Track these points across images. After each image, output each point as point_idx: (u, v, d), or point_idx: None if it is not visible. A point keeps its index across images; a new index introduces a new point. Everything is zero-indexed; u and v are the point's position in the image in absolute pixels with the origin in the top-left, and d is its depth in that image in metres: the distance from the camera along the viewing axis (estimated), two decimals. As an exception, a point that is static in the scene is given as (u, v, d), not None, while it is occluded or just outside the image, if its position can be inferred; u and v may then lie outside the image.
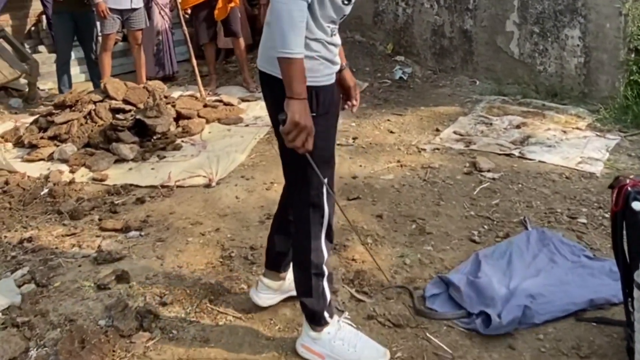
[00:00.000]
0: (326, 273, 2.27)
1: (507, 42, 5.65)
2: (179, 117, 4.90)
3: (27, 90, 6.38)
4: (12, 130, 4.98)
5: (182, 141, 4.62)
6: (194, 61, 5.97)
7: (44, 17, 7.50)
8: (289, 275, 2.56)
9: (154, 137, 4.52)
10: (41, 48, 7.40)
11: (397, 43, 6.76)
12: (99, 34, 6.19)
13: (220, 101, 5.52)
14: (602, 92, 5.07)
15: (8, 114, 5.84)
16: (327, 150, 2.20)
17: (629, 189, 2.14)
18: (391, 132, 4.81)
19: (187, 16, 6.20)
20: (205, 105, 5.29)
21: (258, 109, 5.49)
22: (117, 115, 4.56)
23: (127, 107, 4.63)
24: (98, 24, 6.06)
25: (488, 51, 5.82)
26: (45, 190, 3.92)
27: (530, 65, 5.53)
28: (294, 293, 2.46)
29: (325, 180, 2.16)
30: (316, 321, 2.26)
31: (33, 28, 7.74)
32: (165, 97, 5.03)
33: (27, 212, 3.65)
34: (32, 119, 5.12)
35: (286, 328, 2.44)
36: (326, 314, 2.26)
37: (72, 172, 4.18)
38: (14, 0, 7.44)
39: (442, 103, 5.38)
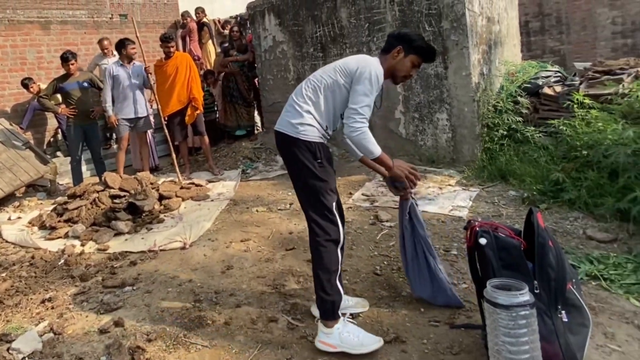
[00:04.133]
0: (339, 272, 2.40)
1: (397, 126, 5.71)
2: (161, 197, 4.86)
3: (49, 185, 6.30)
4: (37, 217, 4.88)
5: (164, 216, 4.58)
6: (173, 155, 5.98)
7: (59, 130, 7.50)
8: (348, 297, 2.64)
9: (143, 215, 4.47)
10: (59, 153, 7.38)
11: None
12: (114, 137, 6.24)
13: (193, 183, 5.51)
14: (466, 157, 5.15)
15: (35, 205, 5.74)
16: (330, 183, 2.40)
17: (477, 228, 2.20)
18: (317, 197, 4.86)
19: (165, 122, 6.27)
20: (181, 187, 5.27)
21: (220, 187, 5.53)
22: (115, 200, 4.52)
23: (122, 193, 4.60)
24: (117, 130, 6.09)
25: (384, 133, 5.86)
26: (62, 261, 3.83)
27: (414, 142, 5.58)
28: (346, 311, 2.58)
29: (334, 205, 2.40)
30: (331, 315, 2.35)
31: (52, 139, 7.71)
32: (152, 183, 5.01)
33: (47, 279, 3.55)
34: (52, 207, 5.05)
35: (241, 351, 2.42)
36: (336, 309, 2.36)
37: (82, 245, 4.10)
38: (36, 119, 7.46)
39: (353, 173, 5.43)
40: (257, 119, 7.96)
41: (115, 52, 6.17)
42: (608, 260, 2.89)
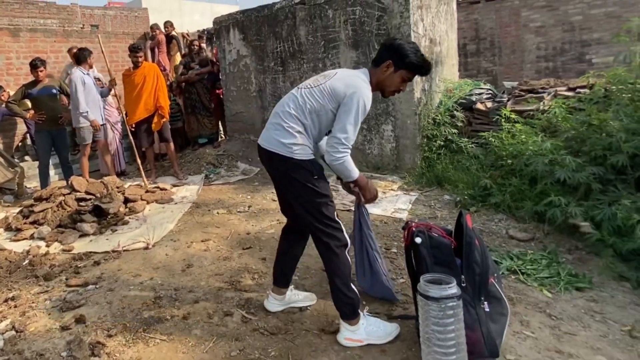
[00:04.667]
0: (351, 277, 2.29)
1: (348, 136, 5.79)
2: (127, 200, 4.71)
3: (17, 188, 6.03)
4: (3, 219, 4.65)
5: (129, 218, 4.43)
6: (139, 160, 5.84)
7: (28, 135, 7.19)
8: (289, 292, 2.61)
9: (108, 217, 4.33)
10: (27, 158, 7.09)
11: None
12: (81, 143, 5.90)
13: (158, 187, 5.37)
14: (407, 165, 5.20)
15: (2, 207, 5.47)
16: (329, 195, 2.28)
17: (413, 229, 2.24)
18: (273, 200, 4.80)
19: (132, 129, 6.12)
20: (146, 191, 5.12)
21: (184, 191, 5.42)
22: (81, 203, 4.35)
23: (88, 197, 4.44)
24: (82, 136, 5.80)
25: (337, 143, 5.94)
26: (26, 261, 3.66)
27: (362, 150, 5.60)
28: (296, 305, 2.57)
29: (337, 213, 2.30)
30: (353, 314, 2.27)
31: (20, 144, 7.38)
32: (117, 187, 4.85)
33: (11, 278, 3.40)
34: (18, 210, 4.82)
35: (197, 344, 2.39)
36: (357, 308, 2.29)
37: (47, 246, 3.93)
38: (4, 124, 7.11)
39: (308, 178, 5.41)
40: (221, 127, 7.88)
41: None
42: (526, 256, 3.01)
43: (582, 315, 2.43)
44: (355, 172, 2.24)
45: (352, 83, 2.18)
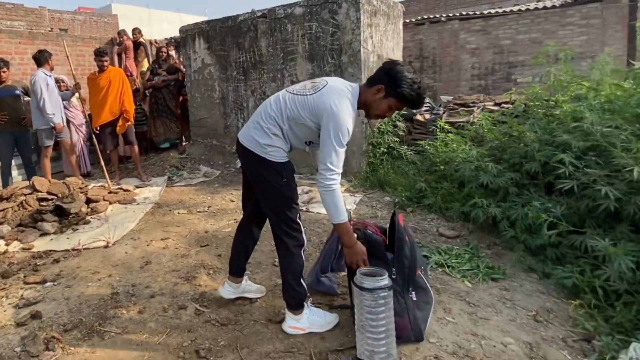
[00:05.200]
0: (303, 274, 2.28)
1: (303, 142, 5.80)
2: (89, 201, 4.53)
3: (-23, 188, 5.67)
4: (-38, 218, 4.38)
5: (91, 217, 4.26)
6: (102, 162, 5.63)
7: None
8: (244, 282, 2.59)
9: (70, 216, 4.15)
10: (-11, 157, 6.62)
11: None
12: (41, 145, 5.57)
13: (121, 188, 5.20)
14: (354, 169, 5.24)
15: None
16: (294, 198, 2.21)
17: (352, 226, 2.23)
18: (232, 201, 4.80)
19: (97, 132, 5.89)
20: (109, 192, 4.95)
21: (147, 192, 5.27)
22: (42, 203, 4.15)
23: (50, 197, 4.23)
24: (42, 138, 5.48)
25: (293, 148, 5.98)
26: (-16, 260, 3.47)
27: (315, 155, 5.65)
28: (248, 295, 2.57)
29: (299, 215, 2.24)
30: (299, 306, 2.28)
31: (-17, 143, 6.91)
32: (80, 188, 4.65)
33: (-32, 277, 3.22)
34: (-22, 209, 4.54)
35: (151, 336, 2.36)
36: (303, 301, 2.30)
37: (6, 245, 3.72)
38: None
39: (265, 180, 5.39)
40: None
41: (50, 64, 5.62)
42: (452, 252, 3.13)
43: (496, 302, 2.56)
44: (341, 214, 2.02)
45: (333, 104, 1.98)
